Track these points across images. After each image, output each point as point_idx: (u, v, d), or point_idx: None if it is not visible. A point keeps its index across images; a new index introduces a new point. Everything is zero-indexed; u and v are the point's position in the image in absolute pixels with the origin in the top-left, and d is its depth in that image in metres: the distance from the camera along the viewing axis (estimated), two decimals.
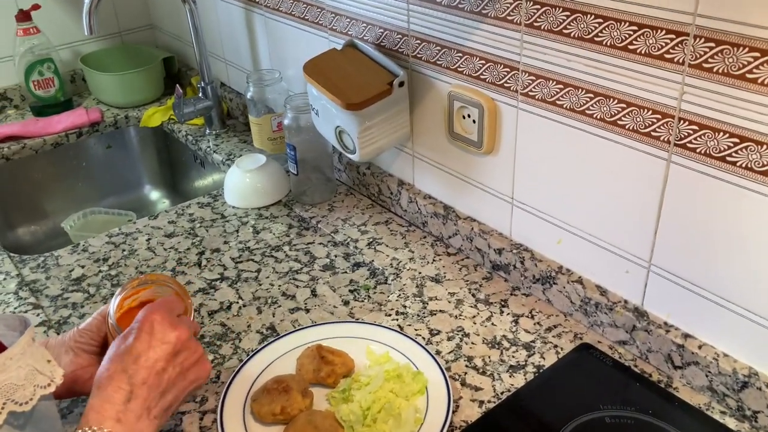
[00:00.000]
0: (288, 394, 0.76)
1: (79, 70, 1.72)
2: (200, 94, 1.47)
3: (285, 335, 0.89)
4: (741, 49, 0.64)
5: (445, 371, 0.81)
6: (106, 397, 0.62)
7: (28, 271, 1.08)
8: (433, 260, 1.06)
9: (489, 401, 0.80)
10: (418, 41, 0.99)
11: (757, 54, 0.62)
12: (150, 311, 0.68)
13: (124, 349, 0.65)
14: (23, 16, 1.52)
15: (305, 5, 1.20)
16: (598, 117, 0.79)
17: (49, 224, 1.58)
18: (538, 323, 0.92)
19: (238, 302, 1.00)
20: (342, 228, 1.15)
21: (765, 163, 0.66)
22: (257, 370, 0.83)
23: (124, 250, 1.13)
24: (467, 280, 1.01)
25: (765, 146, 0.65)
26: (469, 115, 0.96)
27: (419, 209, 1.12)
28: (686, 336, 0.80)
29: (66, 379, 0.72)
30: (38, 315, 0.97)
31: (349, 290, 1.02)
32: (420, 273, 1.03)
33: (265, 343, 0.88)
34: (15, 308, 0.99)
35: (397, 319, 0.94)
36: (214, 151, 1.44)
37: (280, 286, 1.03)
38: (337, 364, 0.82)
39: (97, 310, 0.79)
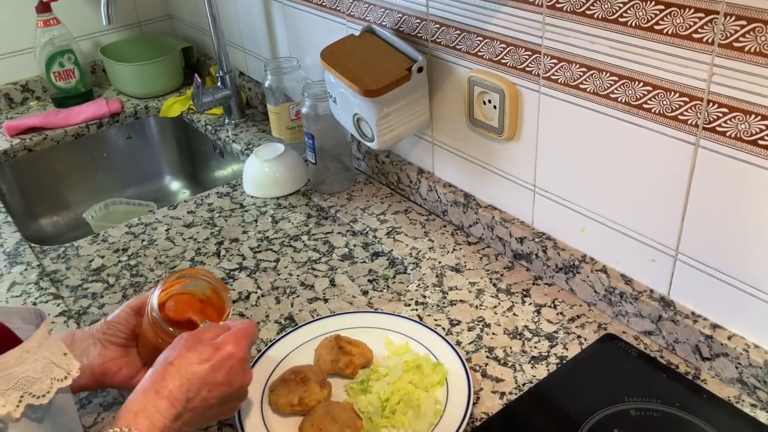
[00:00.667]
0: (306, 384, 0.76)
1: (99, 61, 1.72)
2: (219, 84, 1.47)
3: (303, 325, 0.88)
4: None
5: (465, 362, 0.80)
6: (160, 408, 0.62)
7: (48, 262, 1.09)
8: (453, 249, 1.04)
9: (510, 393, 0.78)
10: (438, 26, 0.97)
11: None
12: (234, 343, 0.67)
13: (200, 371, 0.65)
14: (43, 7, 1.52)
15: None
16: (623, 101, 0.77)
17: (71, 215, 1.59)
18: (561, 313, 0.90)
19: (256, 292, 0.99)
20: (361, 217, 1.14)
21: None
22: (275, 360, 0.83)
23: (143, 240, 1.13)
24: (488, 270, 0.99)
25: None
26: (489, 101, 0.93)
27: (439, 198, 1.10)
28: (715, 326, 0.77)
29: (95, 370, 0.74)
30: (59, 305, 0.98)
31: (368, 280, 1.00)
32: (440, 262, 1.01)
33: (284, 333, 0.87)
34: (36, 298, 0.99)
35: (417, 309, 0.92)
36: (233, 141, 1.43)
37: (298, 275, 1.02)
38: (355, 354, 0.81)
39: (126, 303, 0.79)
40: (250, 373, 0.69)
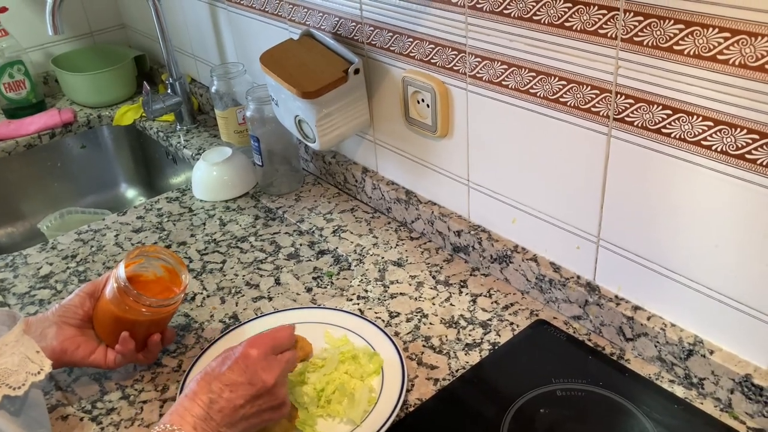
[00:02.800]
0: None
1: (51, 72, 1.72)
2: (169, 91, 1.48)
3: (245, 323, 0.90)
4: (667, 21, 0.65)
5: (401, 351, 0.82)
6: (188, 407, 0.66)
7: None
8: (396, 245, 1.07)
9: (444, 379, 0.81)
10: (372, 28, 1.00)
11: (682, 26, 0.64)
12: (252, 345, 0.70)
13: (218, 373, 0.68)
14: None
15: None
16: (542, 95, 0.80)
17: (26, 225, 1.59)
18: (495, 302, 0.93)
19: (202, 293, 1.01)
20: (308, 217, 1.17)
21: (696, 133, 0.67)
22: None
23: (92, 247, 1.14)
24: (428, 263, 1.02)
25: (695, 117, 0.66)
26: (423, 100, 0.97)
27: (383, 195, 1.13)
28: (636, 308, 0.81)
29: (54, 350, 0.78)
30: None
31: (313, 277, 1.03)
32: (383, 258, 1.04)
33: (226, 331, 0.89)
34: None
35: (359, 303, 0.95)
36: (185, 147, 1.45)
37: (244, 276, 1.04)
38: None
39: (80, 288, 0.84)
40: (278, 370, 0.70)
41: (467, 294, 0.95)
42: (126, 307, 0.80)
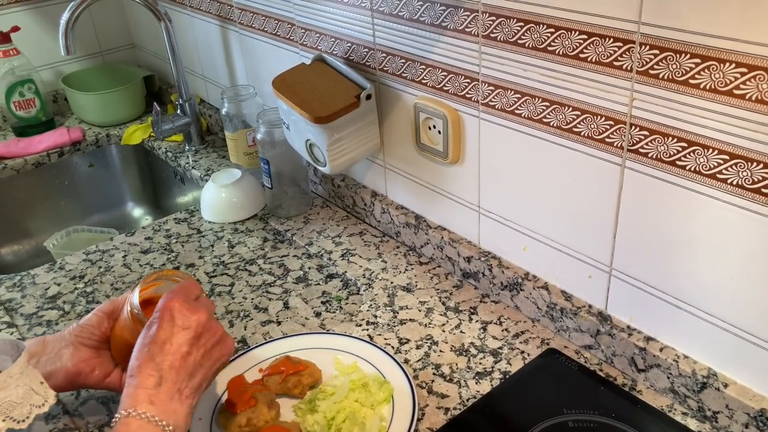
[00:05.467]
0: (254, 406, 0.77)
1: (61, 90, 1.73)
2: (178, 111, 1.49)
3: (254, 347, 0.90)
4: (683, 55, 0.65)
5: (411, 380, 0.82)
6: (138, 384, 0.64)
7: (3, 290, 1.09)
8: (405, 270, 1.07)
9: (455, 408, 0.81)
10: (384, 54, 1.01)
11: (698, 60, 0.64)
12: (168, 299, 0.71)
13: (149, 340, 0.68)
14: (2, 38, 1.53)
15: (276, 21, 1.22)
16: (555, 125, 0.81)
17: (32, 243, 1.59)
18: (506, 329, 0.93)
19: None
20: (317, 240, 1.16)
21: (711, 166, 0.67)
22: (225, 382, 0.84)
23: (100, 267, 1.14)
24: (438, 289, 1.02)
25: (711, 150, 0.66)
26: (434, 126, 0.97)
27: (392, 220, 1.13)
28: (648, 339, 0.81)
29: (69, 371, 0.77)
30: (12, 333, 0.98)
31: (322, 302, 1.03)
32: (392, 283, 1.04)
33: (235, 355, 0.89)
34: None
35: (368, 329, 0.95)
36: (193, 167, 1.45)
37: (252, 299, 1.04)
38: (303, 374, 0.82)
39: (98, 307, 0.83)
40: (203, 308, 0.71)
41: (477, 321, 0.95)
42: (138, 333, 0.78)
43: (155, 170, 1.64)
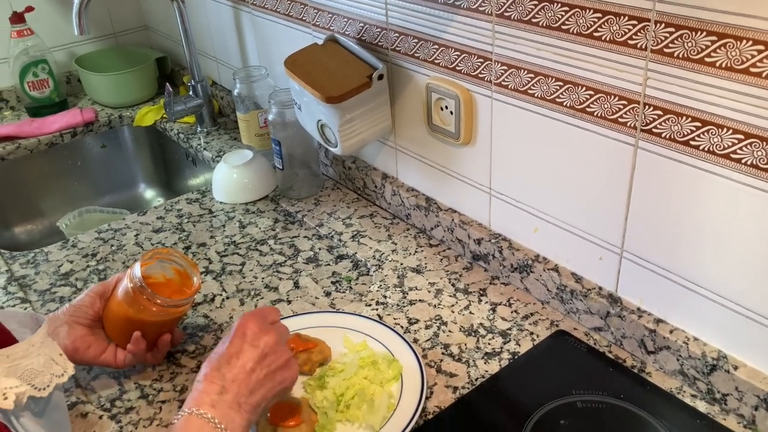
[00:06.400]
0: None
1: (74, 71, 1.74)
2: (191, 93, 1.49)
3: None
4: (699, 33, 0.64)
5: (420, 358, 0.82)
6: (202, 389, 0.67)
7: (17, 267, 1.10)
8: (415, 251, 1.07)
9: (463, 387, 0.81)
10: (397, 34, 1.01)
11: (714, 38, 0.63)
12: (244, 318, 0.74)
13: (221, 352, 0.71)
14: (17, 18, 1.54)
15: (289, 2, 1.22)
16: (568, 105, 0.80)
17: (45, 223, 1.60)
18: (515, 311, 0.93)
19: (221, 294, 1.01)
20: (327, 221, 1.17)
21: (726, 146, 0.66)
22: None
23: (112, 246, 1.15)
24: (447, 271, 1.02)
25: (725, 129, 0.66)
26: (446, 107, 0.97)
27: (402, 202, 1.13)
28: (658, 321, 0.80)
29: (66, 349, 0.79)
30: (26, 309, 0.99)
31: (331, 282, 1.03)
32: (402, 264, 1.04)
33: None
34: (3, 302, 1.00)
35: (377, 309, 0.95)
36: (205, 149, 1.46)
37: (263, 278, 1.04)
38: (313, 352, 0.83)
39: (90, 288, 0.85)
40: (275, 332, 0.73)
41: (487, 303, 0.95)
42: (140, 306, 0.80)
43: (167, 152, 1.65)
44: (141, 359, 0.84)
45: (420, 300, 0.96)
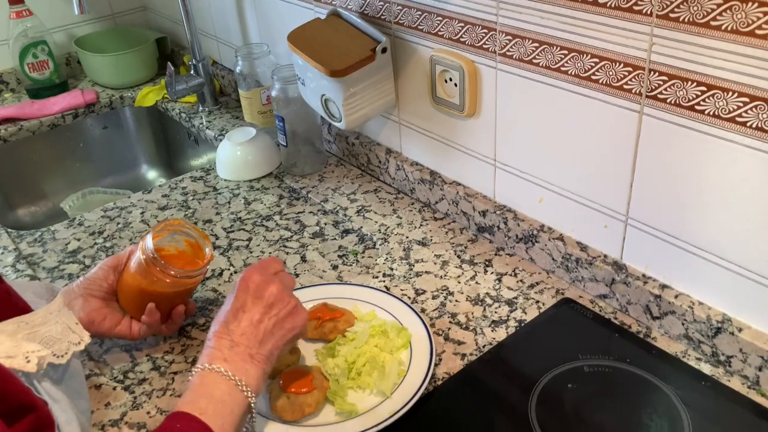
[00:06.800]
0: None
1: (74, 53, 1.73)
2: (192, 72, 1.49)
3: None
4: None
5: (428, 327, 0.83)
6: (214, 347, 0.68)
7: (25, 246, 1.11)
8: (421, 225, 1.08)
9: (471, 354, 0.82)
10: (400, 7, 1.01)
11: (720, 0, 0.64)
12: (246, 272, 0.74)
13: (226, 309, 0.72)
14: None
15: None
16: (573, 73, 0.81)
17: (48, 205, 1.61)
18: (521, 281, 0.94)
19: (229, 269, 1.02)
20: (332, 197, 1.17)
21: (731, 110, 0.67)
22: None
23: (118, 224, 1.16)
24: (453, 243, 1.03)
25: (731, 93, 0.66)
26: (450, 79, 0.97)
27: (407, 176, 1.14)
28: (663, 286, 0.81)
29: (82, 321, 0.79)
30: None
31: (338, 255, 1.04)
32: (407, 237, 1.05)
33: None
34: (13, 280, 1.01)
35: (384, 281, 0.96)
36: (207, 128, 1.46)
37: (270, 253, 1.05)
38: (340, 321, 0.84)
39: (102, 261, 0.86)
40: (278, 281, 0.73)
41: (492, 273, 0.96)
42: (153, 278, 0.81)
43: (169, 132, 1.65)
44: (156, 331, 0.85)
45: (426, 271, 0.97)
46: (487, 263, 0.98)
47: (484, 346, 0.83)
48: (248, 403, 0.66)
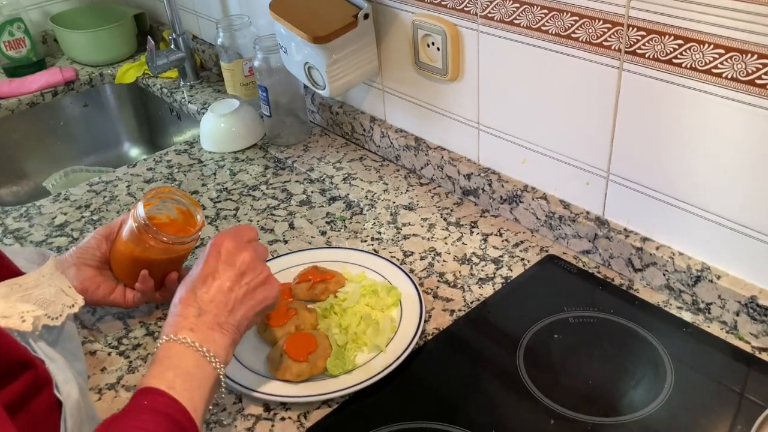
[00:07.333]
0: (295, 314, 0.80)
1: (50, 31, 1.71)
2: (172, 46, 1.48)
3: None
4: None
5: (418, 286, 0.85)
6: (179, 314, 0.65)
7: (11, 221, 1.11)
8: (407, 191, 1.09)
9: (460, 310, 0.84)
10: None
11: None
12: (219, 237, 0.71)
13: (196, 273, 0.68)
14: None
15: None
16: (553, 32, 0.82)
17: (31, 184, 1.60)
18: (506, 240, 0.96)
19: None
20: (317, 166, 1.18)
21: (707, 61, 0.69)
22: None
23: (105, 197, 1.16)
24: (439, 207, 1.04)
25: (707, 45, 0.68)
26: (433, 43, 0.98)
27: (392, 143, 1.15)
28: (645, 239, 0.84)
29: (76, 289, 0.76)
30: None
31: (326, 222, 1.05)
32: (394, 203, 1.06)
33: None
34: None
35: (373, 245, 0.97)
36: (189, 102, 1.45)
37: (258, 221, 1.06)
38: (330, 282, 0.85)
39: (95, 231, 0.85)
40: (252, 249, 0.71)
41: (478, 234, 0.97)
42: (145, 245, 0.81)
43: (151, 108, 1.64)
44: (150, 298, 0.85)
45: (414, 234, 0.99)
46: (472, 225, 0.99)
47: (472, 303, 0.85)
48: (217, 375, 0.63)
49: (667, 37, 0.71)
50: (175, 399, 0.58)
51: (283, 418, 0.72)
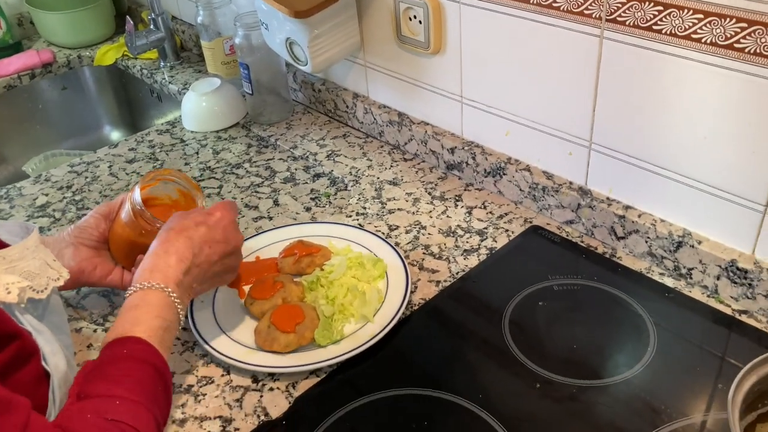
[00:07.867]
0: (282, 287, 0.80)
1: (25, 13, 1.68)
2: (151, 26, 1.46)
3: (248, 238, 0.92)
4: None
5: (403, 258, 0.85)
6: (172, 264, 0.68)
7: None
8: (391, 166, 1.09)
9: (445, 281, 0.85)
10: None
11: None
12: (227, 209, 0.75)
13: (201, 232, 0.71)
14: None
15: None
16: (535, 2, 0.82)
17: (9, 168, 1.58)
18: (490, 212, 0.96)
19: None
20: (301, 144, 1.18)
21: (686, 27, 0.69)
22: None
23: (87, 177, 1.15)
24: (423, 181, 1.05)
25: (686, 10, 0.69)
26: (415, 17, 0.98)
27: (375, 119, 1.15)
28: (627, 207, 0.85)
29: (72, 270, 0.78)
30: None
31: (311, 198, 1.05)
32: (378, 178, 1.07)
33: None
34: None
35: (358, 219, 0.98)
36: (170, 82, 1.44)
37: (242, 198, 1.06)
38: (316, 256, 0.85)
39: (94, 209, 0.84)
40: (241, 235, 0.76)
41: (462, 207, 0.98)
42: (141, 230, 0.80)
43: (131, 90, 1.62)
44: None
45: (399, 209, 0.99)
46: (457, 198, 1.00)
47: (457, 273, 0.86)
48: (176, 331, 0.67)
49: (647, 3, 0.72)
50: (158, 351, 0.62)
51: (271, 389, 0.73)
